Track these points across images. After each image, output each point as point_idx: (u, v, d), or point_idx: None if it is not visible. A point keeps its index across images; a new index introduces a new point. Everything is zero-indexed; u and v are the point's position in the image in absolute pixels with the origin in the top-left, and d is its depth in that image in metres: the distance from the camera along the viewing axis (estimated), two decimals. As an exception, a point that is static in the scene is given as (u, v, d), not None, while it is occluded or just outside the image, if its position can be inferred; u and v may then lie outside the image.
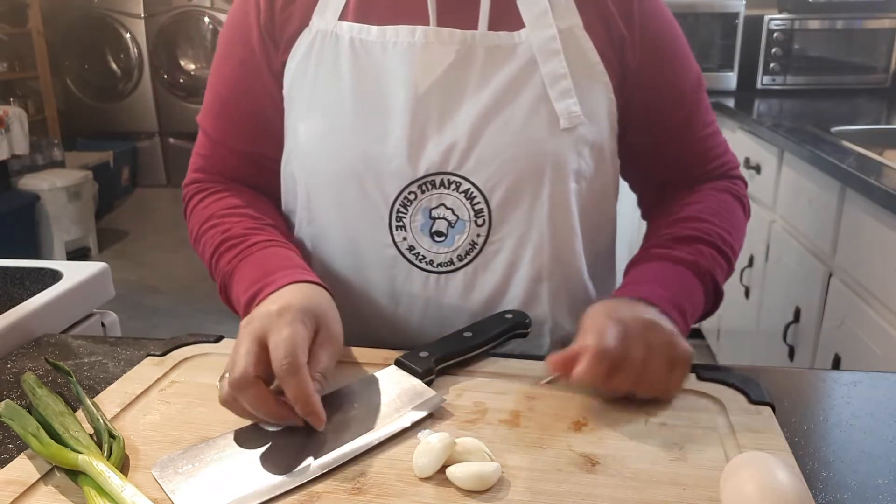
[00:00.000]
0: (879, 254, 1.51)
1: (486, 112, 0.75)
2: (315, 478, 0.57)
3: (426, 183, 0.75)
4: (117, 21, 5.22)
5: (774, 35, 2.77)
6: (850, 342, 1.62)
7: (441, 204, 0.76)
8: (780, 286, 2.07)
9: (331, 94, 0.77)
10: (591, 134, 0.78)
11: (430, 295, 0.79)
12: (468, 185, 0.75)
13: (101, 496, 0.53)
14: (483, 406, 0.67)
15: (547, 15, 0.75)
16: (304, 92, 0.78)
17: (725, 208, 0.84)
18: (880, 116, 2.50)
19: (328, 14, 0.77)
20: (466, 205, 0.76)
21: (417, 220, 0.76)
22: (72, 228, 3.89)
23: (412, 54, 0.74)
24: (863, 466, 0.59)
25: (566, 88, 0.75)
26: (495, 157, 0.75)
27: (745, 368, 0.74)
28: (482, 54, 0.75)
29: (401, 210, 0.76)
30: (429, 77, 0.74)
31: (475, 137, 0.75)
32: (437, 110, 0.75)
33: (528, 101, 0.75)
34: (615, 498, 0.55)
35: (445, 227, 0.76)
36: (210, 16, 5.12)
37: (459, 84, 0.75)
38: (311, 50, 0.77)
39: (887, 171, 1.56)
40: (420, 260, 0.78)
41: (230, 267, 0.77)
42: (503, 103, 0.75)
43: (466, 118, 0.74)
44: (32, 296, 0.92)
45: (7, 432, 0.65)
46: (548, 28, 0.75)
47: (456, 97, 0.75)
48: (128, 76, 5.31)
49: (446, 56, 0.75)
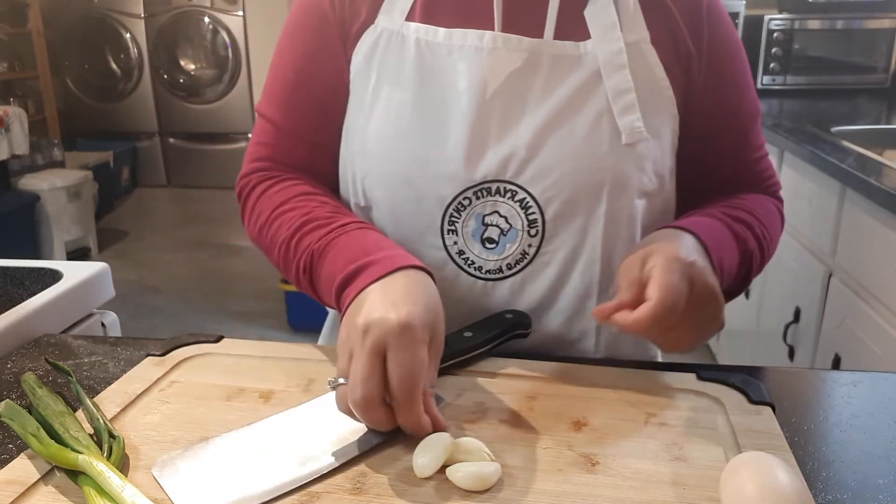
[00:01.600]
0: (879, 254, 1.51)
1: (547, 123, 0.74)
2: (315, 478, 0.57)
3: (482, 189, 0.75)
4: (117, 21, 5.22)
5: (774, 35, 2.77)
6: (850, 342, 1.62)
7: (495, 211, 0.75)
8: (780, 286, 2.07)
9: (394, 94, 0.76)
10: (654, 151, 0.76)
11: (476, 301, 0.78)
12: (524, 195, 0.75)
13: (101, 496, 0.53)
14: (483, 406, 0.67)
15: (615, 28, 0.74)
16: (367, 90, 0.78)
17: (770, 212, 0.84)
18: (880, 116, 2.50)
19: (395, 13, 0.76)
20: (521, 214, 0.75)
21: (470, 226, 0.76)
22: (72, 228, 3.89)
23: (479, 59, 0.74)
24: (863, 466, 0.59)
25: (630, 103, 0.74)
26: (554, 169, 0.74)
27: (745, 368, 0.74)
28: (547, 63, 0.74)
29: (454, 214, 0.76)
30: (494, 83, 0.74)
31: (535, 147, 0.74)
32: (499, 117, 0.74)
33: (590, 114, 0.74)
34: (615, 498, 0.55)
35: (497, 234, 0.76)
36: (210, 16, 5.11)
37: (523, 92, 0.74)
38: (375, 48, 0.77)
39: (887, 171, 1.56)
40: (469, 265, 0.77)
41: (320, 245, 0.72)
42: (565, 115, 0.74)
43: (528, 127, 0.74)
44: (32, 296, 0.92)
45: (7, 432, 0.65)
46: (615, 41, 0.74)
47: (518, 105, 0.74)
48: (128, 76, 5.31)
49: (512, 63, 0.74)
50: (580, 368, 0.73)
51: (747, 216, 0.80)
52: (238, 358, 0.77)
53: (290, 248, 0.75)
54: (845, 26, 2.76)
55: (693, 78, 0.78)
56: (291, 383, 0.72)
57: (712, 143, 0.82)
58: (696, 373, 0.71)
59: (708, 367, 0.73)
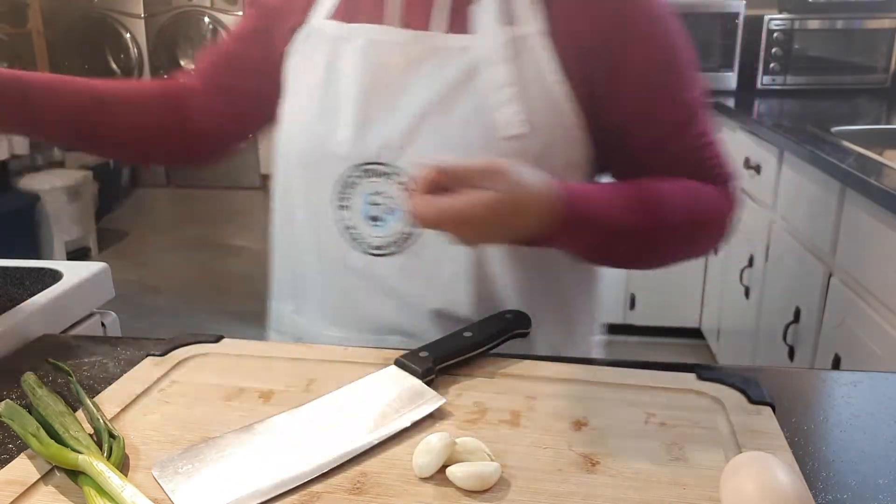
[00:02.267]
0: (879, 254, 1.51)
1: (422, 113, 0.77)
2: (315, 478, 0.57)
3: (367, 170, 0.80)
4: (117, 21, 5.22)
5: (774, 35, 2.77)
6: (850, 342, 1.62)
7: (381, 192, 0.80)
8: (780, 286, 2.07)
9: (304, 84, 0.84)
10: (538, 145, 0.76)
11: (366, 275, 0.83)
12: (406, 178, 0.78)
13: (101, 496, 0.53)
14: (483, 406, 0.67)
15: (499, 23, 0.76)
16: (289, 82, 0.86)
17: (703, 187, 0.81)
18: (880, 116, 2.50)
19: (321, 13, 0.84)
20: (403, 196, 0.78)
21: (359, 203, 0.81)
22: (72, 228, 3.89)
23: (371, 50, 0.80)
24: (863, 466, 0.59)
25: (507, 97, 0.75)
26: (426, 156, 0.75)
27: (745, 368, 0.74)
28: (429, 55, 0.78)
29: (343, 192, 0.81)
30: (378, 73, 0.79)
31: (410, 135, 0.78)
32: (381, 105, 0.79)
33: (466, 107, 0.76)
34: (615, 498, 0.55)
35: (383, 212, 0.80)
36: (210, 16, 5.11)
37: (404, 82, 0.78)
38: (302, 44, 0.85)
39: (887, 171, 1.56)
40: (358, 241, 0.82)
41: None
42: (441, 106, 0.77)
43: (404, 116, 0.78)
44: (32, 296, 0.92)
45: (7, 432, 0.65)
46: (497, 36, 0.76)
47: (399, 94, 0.79)
48: (128, 76, 5.31)
49: (395, 54, 0.79)
50: (580, 368, 0.73)
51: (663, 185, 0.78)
52: (238, 358, 0.77)
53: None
54: (845, 26, 2.76)
55: (607, 71, 0.77)
56: (291, 383, 0.72)
57: (642, 138, 0.80)
58: (696, 373, 0.71)
59: (708, 367, 0.73)
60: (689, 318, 2.88)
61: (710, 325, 2.77)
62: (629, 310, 2.91)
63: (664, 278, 2.84)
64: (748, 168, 2.32)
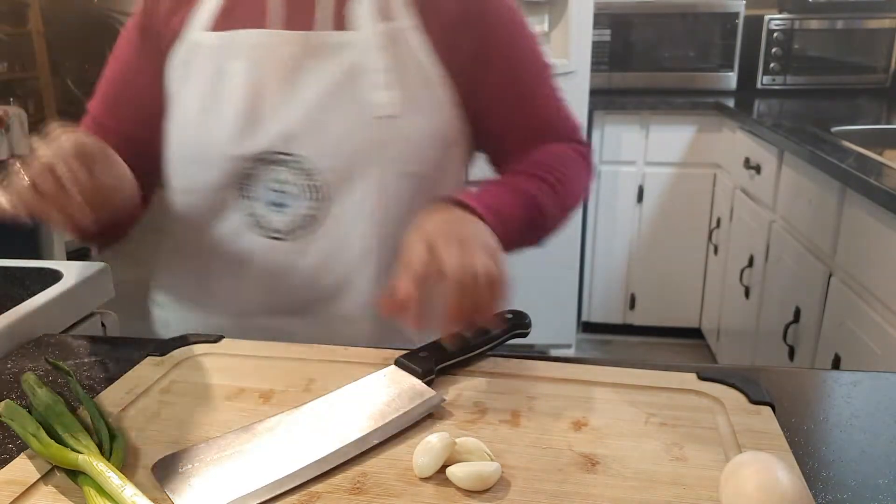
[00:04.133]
0: (879, 254, 1.51)
1: (317, 102, 0.84)
2: (315, 477, 0.57)
3: (265, 159, 0.85)
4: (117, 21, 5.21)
5: (774, 35, 2.77)
6: (850, 342, 1.62)
7: (280, 179, 0.85)
8: (780, 286, 2.07)
9: (188, 92, 0.88)
10: (425, 126, 0.86)
11: (274, 261, 0.88)
12: (305, 164, 0.85)
13: (101, 496, 0.53)
14: (483, 406, 0.67)
15: (373, 17, 0.85)
16: (174, 95, 0.89)
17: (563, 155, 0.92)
18: (880, 116, 2.50)
19: (197, 26, 0.88)
20: (303, 180, 0.85)
21: (260, 192, 0.86)
22: (72, 228, 3.88)
23: (254, 53, 0.85)
24: (863, 466, 0.59)
25: (383, 82, 0.84)
26: (327, 140, 0.84)
27: (745, 368, 0.74)
28: (315, 51, 0.85)
29: (245, 183, 0.87)
30: (266, 71, 0.85)
31: (308, 123, 0.84)
32: (273, 98, 0.85)
33: (353, 92, 0.84)
34: (615, 498, 0.55)
35: (285, 198, 0.86)
36: (210, 16, 5.12)
37: (294, 76, 0.85)
38: (182, 57, 0.88)
39: (887, 171, 1.56)
40: (263, 228, 0.87)
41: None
42: (332, 94, 0.84)
43: (300, 106, 0.84)
44: (32, 296, 0.92)
45: (7, 432, 0.65)
46: (372, 27, 0.85)
47: (290, 88, 0.85)
48: (128, 76, 5.31)
49: (282, 53, 0.85)
50: (580, 368, 0.73)
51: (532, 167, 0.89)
52: (238, 358, 0.77)
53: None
54: (845, 26, 2.76)
55: (467, 52, 0.87)
56: (291, 383, 0.72)
57: (501, 106, 0.91)
58: (696, 373, 0.71)
59: (708, 367, 0.73)
60: (689, 318, 2.88)
61: (710, 325, 2.77)
62: (629, 310, 2.91)
63: (664, 278, 2.84)
64: (748, 168, 2.32)
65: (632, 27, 2.85)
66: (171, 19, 0.90)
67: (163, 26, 0.90)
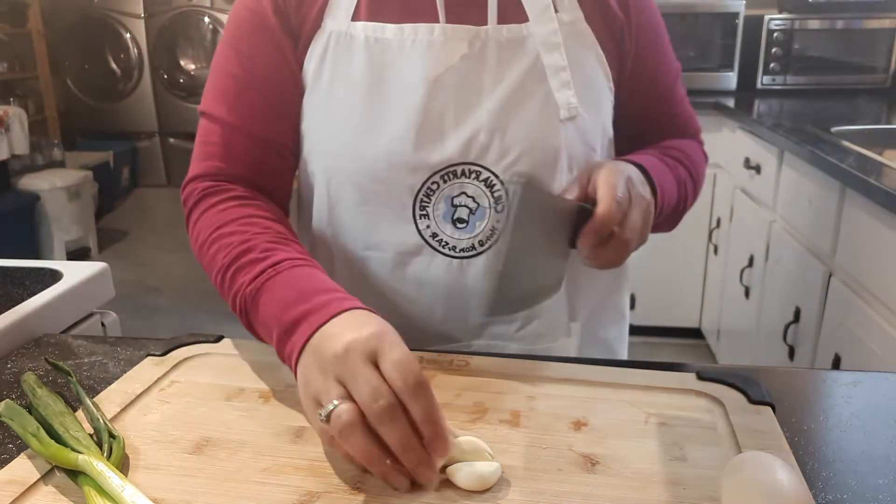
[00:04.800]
0: (879, 254, 1.51)
1: (504, 104, 0.78)
2: (315, 477, 0.57)
3: (448, 173, 0.78)
4: (117, 21, 5.22)
5: (774, 35, 2.77)
6: (850, 342, 1.62)
7: (462, 192, 0.79)
8: (780, 286, 2.07)
9: (349, 95, 0.79)
10: (593, 124, 0.82)
11: (453, 279, 0.81)
12: (488, 174, 0.78)
13: (101, 496, 0.53)
14: (483, 406, 0.67)
15: (549, 9, 0.79)
16: (322, 93, 0.80)
17: (695, 150, 0.94)
18: (880, 116, 2.50)
19: (340, 15, 0.79)
20: (487, 193, 0.79)
21: (440, 209, 0.79)
22: (72, 228, 3.89)
23: (431, 51, 0.77)
24: (863, 466, 0.59)
25: (565, 80, 0.79)
26: (513, 148, 0.78)
27: (745, 368, 0.74)
28: (495, 48, 0.78)
29: (424, 199, 0.79)
30: (444, 73, 0.77)
31: (495, 129, 0.77)
32: (455, 103, 0.77)
33: (539, 92, 0.78)
34: (615, 498, 0.55)
35: (467, 214, 0.79)
36: (210, 16, 5.12)
37: (476, 77, 0.78)
38: (326, 51, 0.79)
39: (887, 171, 1.56)
40: (443, 246, 0.80)
41: (253, 287, 0.71)
42: (519, 95, 0.78)
43: (486, 110, 0.77)
44: (32, 296, 0.92)
45: (7, 432, 0.65)
46: (549, 22, 0.79)
47: (474, 90, 0.78)
48: (128, 76, 5.31)
49: (461, 51, 0.77)
50: (580, 368, 0.73)
51: (678, 153, 0.90)
52: (238, 358, 0.77)
53: (224, 280, 0.74)
54: (845, 26, 2.76)
55: (625, 47, 0.85)
56: (291, 383, 0.72)
57: (643, 101, 0.90)
58: (696, 373, 0.71)
59: (708, 367, 0.73)
60: (689, 318, 2.88)
61: (710, 325, 2.77)
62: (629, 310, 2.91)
63: (664, 278, 2.84)
64: (748, 168, 2.32)
65: (632, 27, 2.84)
66: (303, 5, 0.80)
67: (293, 11, 0.80)
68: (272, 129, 0.83)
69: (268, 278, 0.70)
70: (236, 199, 0.80)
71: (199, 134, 0.85)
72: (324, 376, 0.58)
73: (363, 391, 0.55)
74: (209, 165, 0.83)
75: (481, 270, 0.80)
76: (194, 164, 0.85)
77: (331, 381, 0.57)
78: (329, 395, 0.56)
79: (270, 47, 0.81)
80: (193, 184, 0.84)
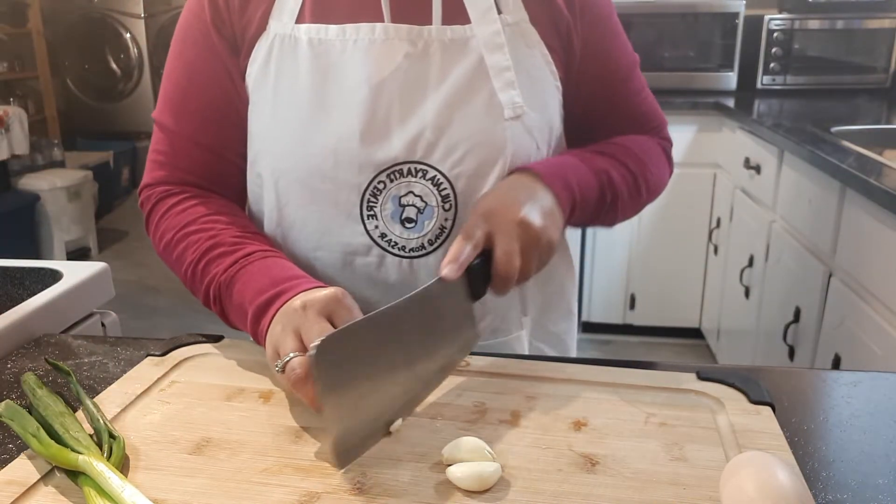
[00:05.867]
0: (879, 254, 1.51)
1: (448, 103, 0.78)
2: (314, 477, 0.57)
3: (394, 172, 0.78)
4: (117, 21, 5.22)
5: (774, 35, 2.77)
6: (850, 342, 1.62)
7: (410, 192, 0.79)
8: (780, 286, 2.07)
9: (294, 96, 0.79)
10: (540, 122, 0.82)
11: (404, 279, 0.81)
12: (434, 173, 0.78)
13: (101, 496, 0.53)
14: (483, 406, 0.67)
15: (492, 10, 0.79)
16: (267, 95, 0.80)
17: (643, 144, 0.91)
18: (880, 116, 2.50)
19: (284, 17, 0.79)
20: (434, 191, 0.79)
21: (388, 209, 0.79)
22: (72, 228, 3.89)
23: (373, 50, 0.77)
24: (863, 466, 0.59)
25: (510, 80, 0.79)
26: (458, 146, 0.78)
27: (745, 368, 0.74)
28: (439, 49, 0.78)
29: (371, 199, 0.79)
30: (388, 72, 0.77)
31: (441, 127, 0.78)
32: (399, 103, 0.78)
33: (484, 92, 0.79)
34: (615, 498, 0.55)
35: (415, 213, 0.79)
36: (210, 16, 5.11)
37: (420, 77, 0.78)
38: (270, 54, 0.79)
39: (887, 171, 1.56)
40: (392, 246, 0.80)
41: (227, 276, 0.75)
42: (464, 94, 0.78)
43: (431, 109, 0.78)
44: (32, 296, 0.92)
45: (7, 432, 0.65)
46: (492, 23, 0.79)
47: (419, 90, 0.78)
48: (128, 76, 5.31)
49: (404, 50, 0.78)
50: (580, 368, 0.73)
51: (615, 148, 0.88)
52: (238, 358, 0.77)
53: (196, 272, 0.78)
54: (845, 26, 2.76)
55: (573, 46, 0.85)
56: (291, 383, 0.72)
57: (595, 97, 0.89)
58: (696, 373, 0.71)
59: (708, 367, 0.73)
60: (689, 318, 2.88)
61: (710, 325, 2.77)
62: (629, 310, 2.91)
63: (664, 278, 2.84)
64: (748, 168, 2.32)
65: (632, 27, 2.84)
66: (247, 9, 0.80)
67: (237, 17, 0.80)
68: (218, 137, 0.84)
69: (241, 267, 0.75)
70: (195, 199, 0.83)
71: (151, 141, 0.88)
72: (283, 329, 0.65)
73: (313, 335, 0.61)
74: (160, 175, 0.86)
75: (432, 270, 0.80)
76: (146, 173, 0.87)
77: (288, 332, 0.65)
78: (285, 347, 0.64)
79: (210, 56, 0.82)
80: (149, 190, 0.86)
